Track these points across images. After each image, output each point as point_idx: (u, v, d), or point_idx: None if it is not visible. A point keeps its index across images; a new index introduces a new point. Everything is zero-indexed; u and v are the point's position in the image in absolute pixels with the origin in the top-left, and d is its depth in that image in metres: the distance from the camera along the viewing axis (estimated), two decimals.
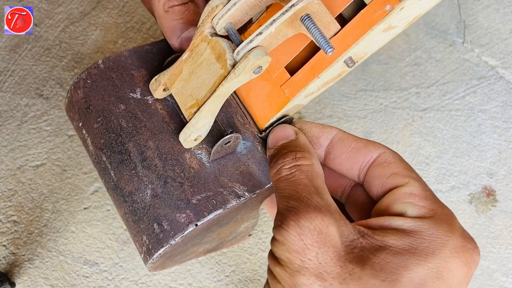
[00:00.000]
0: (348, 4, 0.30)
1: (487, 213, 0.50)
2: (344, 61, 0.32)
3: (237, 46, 0.28)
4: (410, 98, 0.55)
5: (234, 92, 0.36)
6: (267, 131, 0.35)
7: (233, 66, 0.28)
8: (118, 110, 0.33)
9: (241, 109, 0.35)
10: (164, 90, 0.32)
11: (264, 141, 0.34)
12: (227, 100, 0.35)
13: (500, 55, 0.56)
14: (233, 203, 0.31)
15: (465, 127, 0.53)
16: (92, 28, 0.58)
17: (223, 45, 0.28)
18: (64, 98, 0.55)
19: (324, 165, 0.33)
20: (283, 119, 0.35)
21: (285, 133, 0.32)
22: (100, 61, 0.35)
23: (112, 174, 0.33)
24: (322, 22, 0.29)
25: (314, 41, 0.27)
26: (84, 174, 0.51)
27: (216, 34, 0.29)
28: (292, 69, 0.33)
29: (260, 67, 0.27)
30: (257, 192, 0.32)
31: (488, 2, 0.59)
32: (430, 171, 0.51)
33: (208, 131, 0.31)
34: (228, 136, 0.31)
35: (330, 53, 0.27)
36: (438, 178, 0.51)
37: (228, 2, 0.28)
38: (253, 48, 0.27)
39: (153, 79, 0.32)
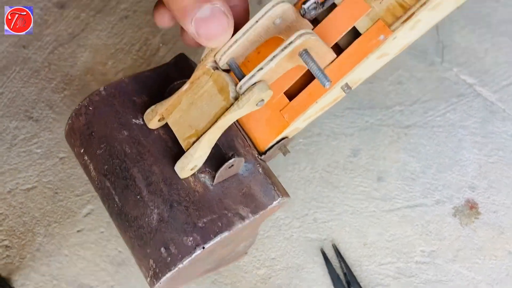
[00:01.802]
0: (343, 34, 0.32)
1: (471, 225, 0.52)
2: (340, 87, 0.33)
3: (239, 79, 0.29)
4: (395, 115, 0.57)
5: None
6: (267, 153, 0.36)
7: (235, 98, 0.29)
8: (121, 136, 0.34)
9: (241, 132, 0.36)
10: (159, 120, 0.33)
11: (264, 164, 0.36)
12: None
13: (477, 73, 0.59)
14: (238, 225, 0.32)
15: (446, 143, 0.55)
16: (81, 49, 0.59)
17: (226, 79, 0.30)
18: (53, 120, 0.55)
19: None
20: (281, 142, 0.36)
21: None
22: (101, 88, 0.35)
23: (117, 200, 0.33)
24: (319, 54, 0.30)
25: (313, 73, 0.29)
26: (77, 197, 0.51)
27: (217, 68, 0.31)
28: (291, 94, 0.35)
29: (262, 100, 0.29)
30: (260, 213, 0.33)
31: (464, 23, 0.62)
32: (416, 186, 0.53)
33: (204, 161, 0.32)
34: (232, 160, 0.32)
35: (327, 86, 0.28)
36: (423, 193, 0.53)
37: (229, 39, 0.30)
38: (256, 82, 0.28)
39: (149, 109, 0.33)
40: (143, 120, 0.35)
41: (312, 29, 0.33)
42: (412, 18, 0.30)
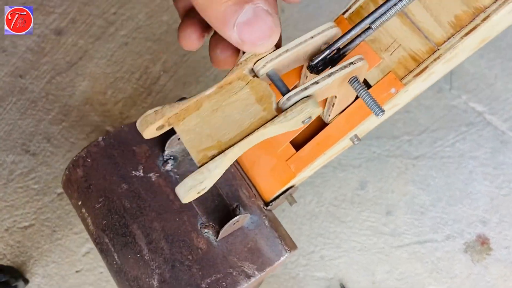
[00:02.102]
0: None
1: (482, 262, 0.50)
2: (349, 138, 0.32)
3: (282, 93, 0.26)
4: (402, 145, 0.55)
5: (238, 163, 0.35)
6: (273, 203, 0.34)
7: (278, 110, 0.26)
8: (120, 190, 0.32)
9: (246, 181, 0.35)
10: (157, 128, 0.27)
11: (269, 215, 0.34)
12: (231, 172, 0.34)
13: (487, 100, 0.58)
14: (243, 284, 0.31)
15: (457, 175, 0.54)
16: (80, 78, 0.57)
17: (268, 88, 0.26)
18: (51, 153, 0.53)
19: None
20: (287, 191, 0.35)
21: None
22: (100, 139, 0.34)
23: (116, 257, 0.32)
24: (348, 92, 0.28)
25: (364, 102, 0.26)
26: (75, 235, 0.50)
27: (256, 75, 0.27)
28: (297, 144, 0.33)
29: (310, 117, 0.26)
30: (266, 269, 0.32)
31: None
32: (426, 221, 0.52)
33: (215, 182, 0.26)
34: (237, 217, 0.31)
35: (380, 116, 0.26)
36: (433, 228, 0.51)
37: (278, 48, 0.27)
38: (306, 97, 0.25)
39: (151, 110, 0.26)
40: (143, 172, 0.33)
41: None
42: (426, 71, 0.28)
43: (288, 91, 0.26)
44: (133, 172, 0.33)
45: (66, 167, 0.34)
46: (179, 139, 0.33)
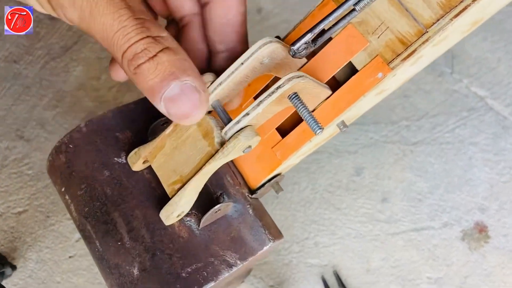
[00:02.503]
0: (339, 69, 0.29)
1: (480, 250, 0.49)
2: (336, 125, 0.31)
3: (225, 123, 0.27)
4: (401, 131, 0.54)
5: None
6: (259, 191, 0.34)
7: (221, 144, 0.27)
8: (102, 177, 0.32)
9: (231, 168, 0.34)
10: (143, 162, 0.31)
11: (254, 203, 0.33)
12: None
13: (489, 85, 0.56)
14: (225, 274, 0.30)
15: (456, 161, 0.53)
16: (74, 64, 0.57)
17: (210, 123, 0.27)
18: (45, 139, 0.53)
19: None
20: (274, 179, 0.34)
21: None
22: (82, 124, 0.33)
23: (98, 244, 0.31)
24: (311, 94, 0.28)
25: (303, 119, 0.26)
26: (68, 220, 0.50)
27: None
28: (283, 130, 0.32)
29: (250, 146, 0.27)
30: (249, 259, 0.31)
31: (475, 31, 0.59)
32: (423, 208, 0.51)
33: (192, 206, 0.30)
34: (218, 206, 0.30)
35: (319, 134, 0.26)
36: (430, 215, 0.50)
37: (214, 81, 0.27)
38: (243, 128, 0.26)
39: (132, 152, 0.31)
40: (126, 159, 0.32)
41: (306, 63, 0.30)
42: (414, 55, 0.27)
43: (229, 122, 0.26)
44: (116, 159, 0.32)
45: (50, 153, 0.34)
46: (162, 124, 0.33)
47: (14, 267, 0.46)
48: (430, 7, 0.27)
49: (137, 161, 0.31)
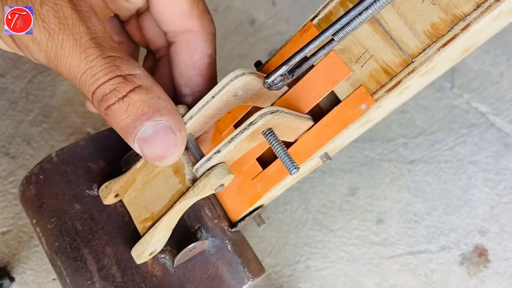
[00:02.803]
0: (321, 99, 0.27)
1: (479, 275, 0.47)
2: (319, 156, 0.29)
3: (196, 159, 0.25)
4: (397, 149, 0.52)
5: None
6: (239, 224, 0.32)
7: (192, 181, 0.25)
8: (73, 210, 0.30)
9: (210, 200, 0.32)
10: (116, 196, 0.29)
11: (234, 237, 0.32)
12: None
13: (491, 100, 0.54)
14: None
15: (455, 181, 0.50)
16: (61, 78, 0.55)
17: (181, 159, 0.26)
18: (30, 156, 0.52)
19: None
20: (255, 212, 0.32)
21: None
22: (53, 154, 0.32)
23: (68, 281, 0.30)
24: (289, 127, 0.26)
25: (278, 156, 0.25)
26: None
27: None
28: (264, 161, 0.31)
29: (222, 185, 0.25)
30: None
31: None
32: (420, 230, 0.49)
33: (164, 245, 0.28)
34: (193, 244, 0.29)
35: (294, 174, 0.24)
36: (428, 238, 0.48)
37: (184, 115, 0.26)
38: (214, 166, 0.24)
39: (103, 185, 0.29)
40: (98, 191, 0.31)
41: (287, 91, 0.28)
42: (399, 86, 0.25)
43: (201, 157, 0.25)
44: (87, 191, 0.31)
45: (21, 183, 0.32)
46: (136, 155, 0.31)
47: (12, 279, 0.45)
48: (416, 35, 0.25)
49: (108, 195, 0.29)
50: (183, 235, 0.30)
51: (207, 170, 0.25)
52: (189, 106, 0.26)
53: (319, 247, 0.48)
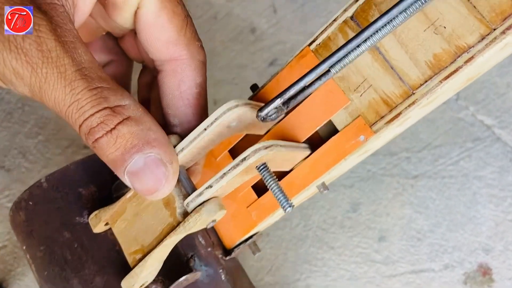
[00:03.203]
0: (318, 128, 0.26)
1: None
2: (316, 186, 0.28)
3: (188, 193, 0.24)
4: (400, 163, 0.51)
5: None
6: (233, 252, 0.31)
7: (183, 215, 0.24)
8: (62, 238, 0.30)
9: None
10: (106, 224, 0.29)
11: (228, 265, 0.31)
12: None
13: (497, 112, 0.52)
14: None
15: (459, 197, 0.49)
16: None
17: (172, 192, 0.25)
18: (26, 170, 0.51)
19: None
20: (250, 239, 0.31)
21: None
22: (43, 179, 0.31)
23: None
24: (284, 159, 0.25)
25: (272, 193, 0.24)
26: None
27: None
28: (259, 188, 0.29)
29: (214, 220, 0.24)
30: None
31: None
32: (422, 248, 0.47)
33: (155, 276, 0.27)
34: (184, 277, 0.28)
35: (288, 211, 0.23)
36: (431, 256, 0.47)
37: (176, 146, 0.25)
38: (206, 201, 0.23)
39: (93, 214, 0.29)
40: (88, 217, 0.30)
41: (283, 118, 0.27)
42: (399, 118, 0.24)
43: (193, 190, 0.24)
44: (77, 218, 0.30)
45: (10, 208, 0.32)
46: None
47: None
48: (417, 66, 0.23)
49: (97, 224, 0.28)
50: (175, 264, 0.29)
51: (198, 205, 0.24)
52: (181, 136, 0.25)
53: (319, 265, 0.47)
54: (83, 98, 0.22)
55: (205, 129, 0.24)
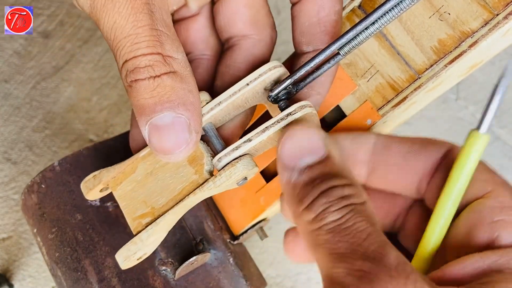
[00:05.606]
0: (327, 113, 0.27)
1: None
2: None
3: (217, 150, 0.24)
4: None
5: None
6: (241, 237, 0.32)
7: (210, 173, 0.24)
8: (74, 220, 0.30)
9: (212, 212, 0.32)
10: (101, 190, 0.26)
11: (236, 250, 0.31)
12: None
13: (497, 112, 0.53)
14: None
15: None
16: (65, 84, 0.55)
17: (200, 148, 0.24)
18: (32, 163, 0.51)
19: (367, 188, 0.25)
20: (258, 224, 0.32)
21: (311, 144, 0.21)
22: (56, 163, 0.31)
23: None
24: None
25: None
26: None
27: None
28: (268, 174, 0.30)
29: (245, 178, 0.23)
30: None
31: None
32: None
33: (155, 248, 0.26)
34: (195, 257, 0.28)
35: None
36: None
37: (211, 100, 0.24)
38: (240, 156, 0.23)
39: (90, 175, 0.26)
40: (100, 201, 0.31)
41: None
42: (405, 102, 0.25)
43: (223, 148, 0.23)
44: (89, 201, 0.31)
45: (22, 192, 0.32)
46: None
47: (11, 286, 0.45)
48: (423, 51, 0.24)
49: (94, 187, 0.26)
50: (184, 247, 0.30)
51: (232, 160, 0.23)
52: (215, 95, 0.25)
53: None
54: (142, 34, 0.21)
55: (248, 84, 0.23)
